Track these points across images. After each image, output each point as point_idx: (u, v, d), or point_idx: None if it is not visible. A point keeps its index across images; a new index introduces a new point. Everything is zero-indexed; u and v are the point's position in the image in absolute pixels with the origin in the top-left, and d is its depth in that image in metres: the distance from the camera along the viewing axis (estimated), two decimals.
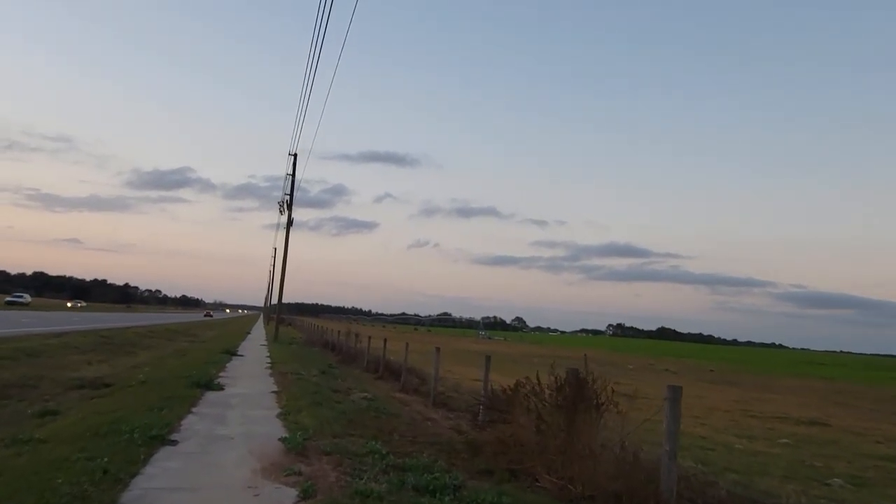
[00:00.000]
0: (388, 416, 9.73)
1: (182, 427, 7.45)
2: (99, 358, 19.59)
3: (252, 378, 13.92)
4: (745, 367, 52.07)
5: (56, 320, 38.97)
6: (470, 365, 30.30)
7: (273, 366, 17.38)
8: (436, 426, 9.17)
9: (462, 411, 11.82)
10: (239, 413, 8.71)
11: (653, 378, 29.98)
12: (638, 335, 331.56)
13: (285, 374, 14.81)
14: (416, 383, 16.69)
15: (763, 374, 44.60)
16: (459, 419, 10.79)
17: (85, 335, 25.31)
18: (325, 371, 17.63)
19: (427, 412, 11.51)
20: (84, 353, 20.14)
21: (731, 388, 28.61)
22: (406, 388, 15.73)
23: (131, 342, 26.96)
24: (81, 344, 22.25)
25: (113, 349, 22.98)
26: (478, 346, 59.50)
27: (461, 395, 14.77)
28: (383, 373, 18.36)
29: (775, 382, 34.97)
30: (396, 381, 17.57)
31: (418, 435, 8.28)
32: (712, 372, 41.85)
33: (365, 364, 20.87)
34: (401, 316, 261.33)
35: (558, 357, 40.33)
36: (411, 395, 14.65)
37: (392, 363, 19.28)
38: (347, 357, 23.65)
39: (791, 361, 79.77)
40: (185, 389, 10.56)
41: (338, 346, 28.40)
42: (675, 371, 38.14)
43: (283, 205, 32.69)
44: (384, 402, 11.94)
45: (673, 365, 47.01)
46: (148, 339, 30.07)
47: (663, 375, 33.49)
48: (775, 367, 57.33)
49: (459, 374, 24.28)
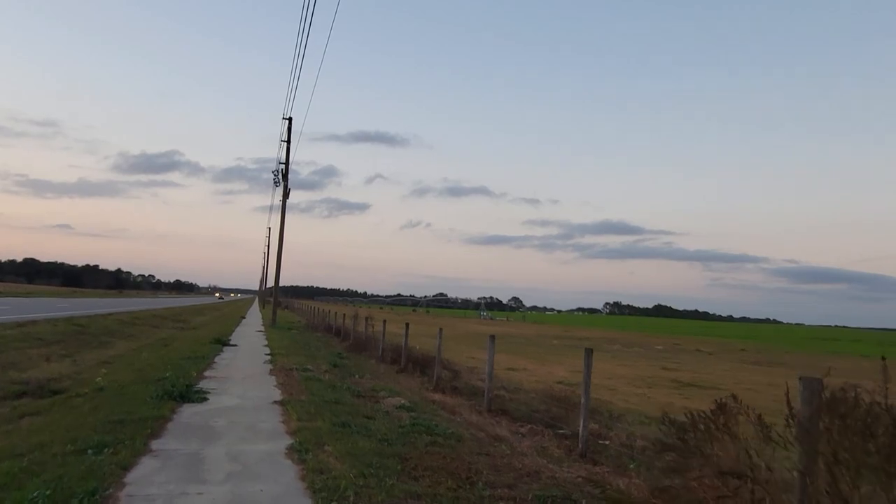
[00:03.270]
0: (449, 442, 6.58)
1: (123, 494, 4.26)
2: (63, 352, 16.35)
3: (247, 379, 10.74)
4: (770, 345, 49.29)
5: (35, 307, 35.58)
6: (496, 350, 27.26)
7: (273, 358, 14.20)
8: (530, 462, 6.00)
9: (534, 423, 8.71)
10: (225, 451, 5.50)
11: (695, 361, 27.02)
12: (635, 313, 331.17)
13: (290, 372, 11.62)
14: (447, 377, 13.59)
15: (791, 352, 41.78)
16: (545, 441, 7.66)
17: (56, 323, 22.04)
18: (336, 364, 14.48)
19: (490, 426, 8.38)
20: (47, 346, 16.90)
21: (784, 370, 25.65)
22: (439, 385, 12.61)
23: (110, 331, 23.71)
24: (47, 335, 18.99)
25: (85, 340, 19.73)
26: (486, 328, 56.52)
27: (517, 395, 11.66)
28: (406, 364, 15.22)
29: (820, 362, 32.06)
30: (422, 375, 14.47)
31: (516, 483, 5.13)
32: (744, 351, 39.01)
33: (380, 353, 17.73)
34: (396, 297, 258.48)
35: (575, 338, 37.21)
36: (450, 396, 11.53)
37: (414, 352, 16.14)
38: (357, 344, 20.50)
39: (802, 337, 77.23)
40: (150, 404, 7.37)
41: (344, 331, 25.22)
42: (710, 351, 35.23)
43: (279, 174, 29.24)
44: (428, 412, 8.81)
45: (699, 344, 44.14)
46: (130, 327, 26.80)
47: (702, 357, 30.56)
48: (795, 345, 54.66)
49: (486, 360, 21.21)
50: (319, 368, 12.89)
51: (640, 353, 32.07)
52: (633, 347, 35.93)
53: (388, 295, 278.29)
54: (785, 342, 59.78)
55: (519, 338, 41.73)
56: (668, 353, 33.42)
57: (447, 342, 26.22)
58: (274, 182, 30.21)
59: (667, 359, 27.96)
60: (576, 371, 19.85)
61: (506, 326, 70.79)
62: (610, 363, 23.58)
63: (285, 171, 29.05)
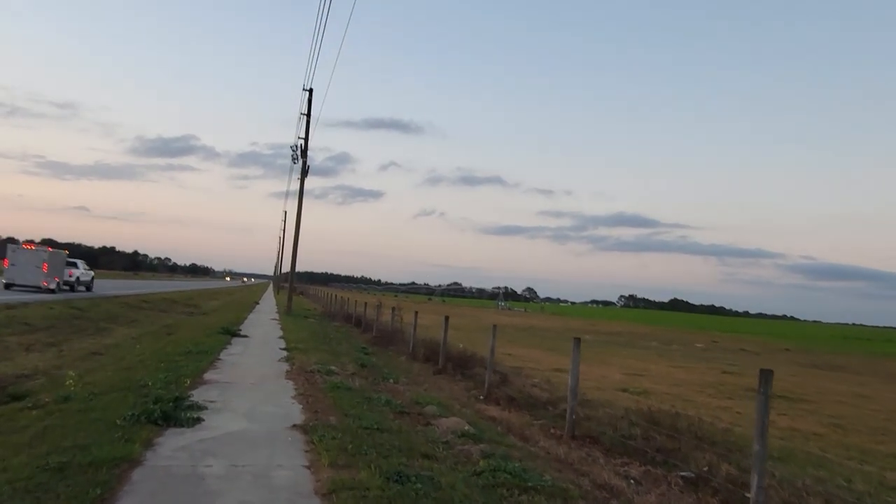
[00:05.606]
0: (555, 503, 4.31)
1: None
2: (49, 340, 14.32)
3: (258, 385, 8.54)
4: (810, 345, 46.46)
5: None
6: (526, 345, 24.92)
7: (290, 355, 12.01)
8: None
9: (636, 457, 6.42)
10: None
11: (750, 363, 24.52)
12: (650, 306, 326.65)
13: (311, 375, 9.41)
14: (494, 381, 11.30)
15: (837, 353, 38.99)
16: (673, 494, 5.37)
17: (52, 306, 20.07)
18: (363, 362, 12.28)
19: (584, 463, 6.09)
20: (32, 333, 14.89)
21: (851, 376, 23.07)
22: (491, 394, 10.35)
23: (112, 315, 21.74)
24: (37, 319, 17.00)
25: (80, 326, 17.74)
26: (509, 319, 54.17)
27: (593, 411, 9.29)
28: (444, 365, 12.97)
29: (881, 366, 29.38)
30: (464, 378, 12.22)
31: None
32: (788, 351, 36.34)
33: (411, 348, 15.52)
34: (411, 285, 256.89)
35: (605, 332, 34.36)
36: (509, 410, 9.25)
37: (452, 349, 13.88)
38: (383, 337, 18.30)
39: (833, 336, 73.93)
40: (119, 429, 5.18)
41: (366, 321, 23.04)
42: (756, 352, 32.63)
43: (297, 150, 27.00)
44: (497, 440, 6.55)
45: (736, 342, 41.47)
46: (135, 311, 24.86)
47: (752, 358, 28.02)
48: (835, 345, 51.74)
49: (526, 357, 18.93)
50: (345, 370, 10.68)
51: (682, 351, 29.59)
52: (672, 345, 33.43)
53: (402, 283, 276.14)
54: (820, 342, 56.82)
55: (548, 331, 39.40)
56: (711, 351, 30.88)
57: (472, 334, 23.94)
58: (292, 158, 28.03)
59: (716, 359, 25.49)
60: (632, 374, 17.47)
61: (527, 318, 68.37)
62: (661, 364, 21.18)
63: (304, 147, 26.82)
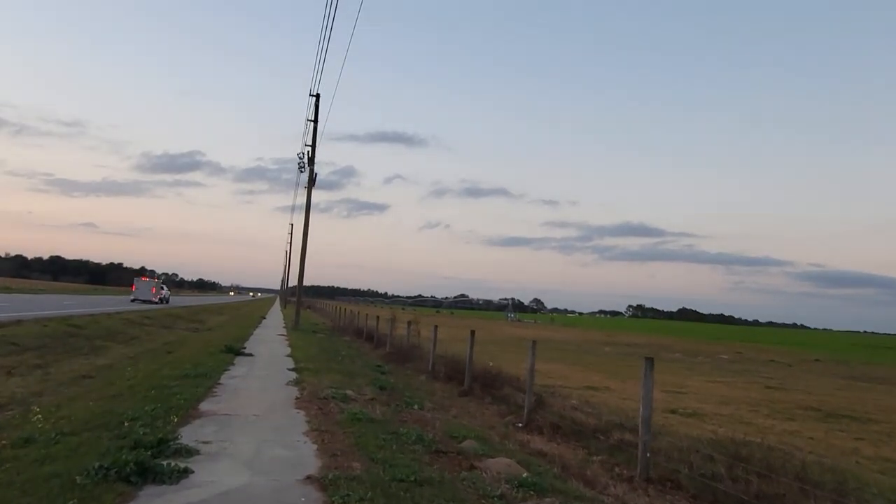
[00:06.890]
0: None
1: None
2: (37, 361, 13.09)
3: (263, 417, 7.25)
4: (838, 355, 44.73)
5: (35, 304, 32.79)
6: (547, 359, 23.48)
7: (300, 377, 10.72)
8: None
9: None
10: None
11: (788, 375, 23.02)
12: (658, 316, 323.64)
13: (325, 403, 8.11)
14: (530, 404, 9.94)
15: (868, 363, 37.31)
16: None
17: (46, 324, 18.89)
18: (381, 384, 10.96)
19: None
20: (19, 354, 13.67)
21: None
22: (532, 421, 9.02)
23: (110, 332, 20.54)
24: (28, 338, 15.81)
25: (74, 345, 16.52)
26: (521, 331, 52.73)
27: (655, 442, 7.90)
28: (471, 385, 11.65)
29: None
30: (494, 400, 10.89)
31: None
32: (819, 362, 34.72)
33: (430, 367, 14.21)
34: (418, 298, 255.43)
35: (625, 344, 32.65)
36: (557, 443, 7.92)
37: (477, 367, 12.54)
38: (398, 354, 16.99)
39: (853, 345, 71.88)
40: (80, 491, 3.90)
41: (378, 336, 21.74)
42: (788, 363, 31.05)
43: (304, 157, 25.89)
44: (557, 487, 5.23)
45: (762, 352, 39.85)
46: (136, 328, 23.66)
47: (786, 369, 26.50)
48: (864, 355, 49.96)
49: (552, 373, 17.54)
50: (363, 394, 9.38)
51: (710, 363, 28.10)
52: (698, 357, 31.92)
53: (409, 296, 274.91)
54: (845, 351, 55.02)
55: (565, 344, 37.98)
56: (741, 363, 29.36)
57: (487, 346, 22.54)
58: (299, 167, 26.94)
59: (749, 372, 24.01)
60: (672, 391, 16.06)
61: (539, 330, 66.81)
62: (696, 379, 19.75)
63: (311, 154, 25.70)
